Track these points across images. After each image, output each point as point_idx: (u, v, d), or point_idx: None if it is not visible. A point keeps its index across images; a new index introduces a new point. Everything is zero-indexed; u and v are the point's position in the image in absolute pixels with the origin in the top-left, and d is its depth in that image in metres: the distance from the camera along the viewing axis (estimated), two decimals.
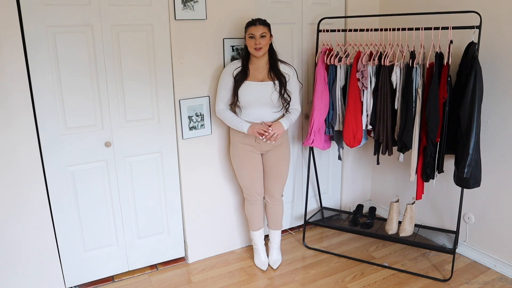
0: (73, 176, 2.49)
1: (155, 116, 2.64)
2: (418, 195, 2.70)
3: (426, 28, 2.54)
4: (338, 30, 2.88)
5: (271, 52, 2.62)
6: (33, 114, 2.29)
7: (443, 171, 2.63)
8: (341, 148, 3.10)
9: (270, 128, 2.53)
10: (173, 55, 2.59)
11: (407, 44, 2.62)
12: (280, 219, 2.89)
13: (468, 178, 2.49)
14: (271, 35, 2.57)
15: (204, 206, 2.93)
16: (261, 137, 2.55)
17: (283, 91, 2.58)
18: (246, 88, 2.57)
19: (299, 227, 3.44)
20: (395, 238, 2.90)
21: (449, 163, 2.79)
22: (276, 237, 2.92)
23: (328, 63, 2.87)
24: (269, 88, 2.57)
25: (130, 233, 2.75)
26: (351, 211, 3.50)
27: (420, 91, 2.55)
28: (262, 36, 2.49)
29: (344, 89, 2.88)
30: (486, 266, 2.84)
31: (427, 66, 2.54)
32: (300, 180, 3.37)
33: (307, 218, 3.24)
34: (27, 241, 2.40)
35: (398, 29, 2.63)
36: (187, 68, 2.65)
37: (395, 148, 2.82)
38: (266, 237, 3.08)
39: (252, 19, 2.55)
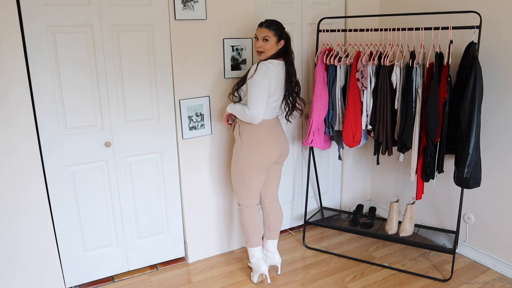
0: (73, 176, 2.49)
1: (155, 116, 2.64)
2: (418, 195, 2.70)
3: (426, 28, 2.54)
4: (338, 30, 2.88)
5: (285, 58, 2.42)
6: (33, 114, 2.29)
7: (443, 171, 2.63)
8: (341, 148, 3.10)
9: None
10: (173, 55, 2.59)
11: (407, 44, 2.62)
12: (281, 222, 2.76)
13: (468, 178, 2.49)
14: (279, 40, 2.37)
15: (204, 206, 2.93)
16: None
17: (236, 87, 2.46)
18: None
19: (299, 227, 3.44)
20: (395, 238, 2.90)
21: (449, 163, 2.79)
22: (275, 245, 2.76)
23: (327, 63, 2.87)
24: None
25: (130, 233, 2.75)
26: (351, 211, 3.50)
27: (420, 91, 2.55)
28: (265, 40, 2.34)
29: (344, 89, 2.88)
30: (486, 266, 2.84)
31: (427, 66, 2.54)
32: (300, 180, 3.37)
33: (307, 218, 3.25)
34: (27, 241, 2.40)
35: (398, 29, 2.63)
36: (187, 68, 2.65)
37: (395, 148, 2.82)
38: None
39: (263, 20, 2.42)
